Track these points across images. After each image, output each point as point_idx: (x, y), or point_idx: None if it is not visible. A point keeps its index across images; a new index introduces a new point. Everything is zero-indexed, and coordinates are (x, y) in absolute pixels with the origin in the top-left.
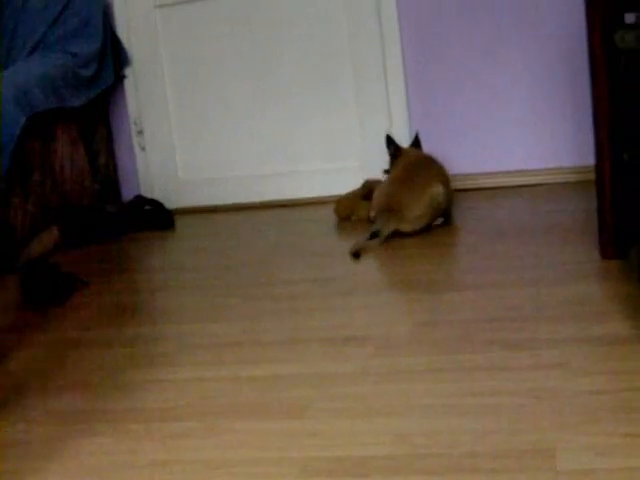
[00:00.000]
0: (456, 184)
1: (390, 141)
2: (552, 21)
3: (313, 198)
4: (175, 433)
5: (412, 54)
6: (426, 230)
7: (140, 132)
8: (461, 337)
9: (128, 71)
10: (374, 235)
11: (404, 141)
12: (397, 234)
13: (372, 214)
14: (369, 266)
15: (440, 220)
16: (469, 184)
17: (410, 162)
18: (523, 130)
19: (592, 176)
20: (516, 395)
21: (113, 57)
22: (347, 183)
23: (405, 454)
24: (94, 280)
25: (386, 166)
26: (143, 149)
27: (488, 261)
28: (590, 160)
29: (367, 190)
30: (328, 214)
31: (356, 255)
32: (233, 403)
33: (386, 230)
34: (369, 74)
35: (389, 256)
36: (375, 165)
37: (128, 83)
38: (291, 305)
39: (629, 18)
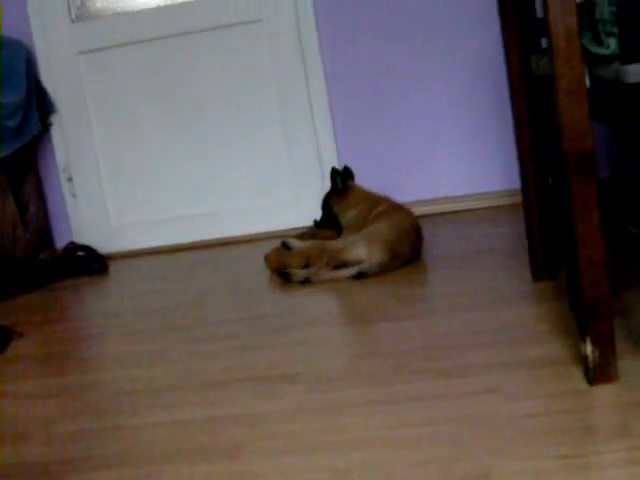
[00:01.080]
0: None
1: (336, 174)
2: (475, 49)
3: (245, 236)
4: None
5: (336, 88)
6: None
7: (70, 179)
8: (394, 368)
9: (54, 119)
10: (361, 275)
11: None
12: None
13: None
14: (303, 301)
15: None
16: None
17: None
18: (451, 157)
19: (520, 199)
20: (451, 423)
21: (38, 106)
22: (278, 220)
23: None
24: (28, 330)
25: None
26: (74, 196)
27: (420, 289)
28: (518, 184)
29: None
30: (259, 252)
31: (306, 280)
32: (169, 448)
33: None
34: (296, 111)
35: (320, 290)
36: (305, 199)
37: (55, 131)
38: (224, 345)
39: (545, 43)
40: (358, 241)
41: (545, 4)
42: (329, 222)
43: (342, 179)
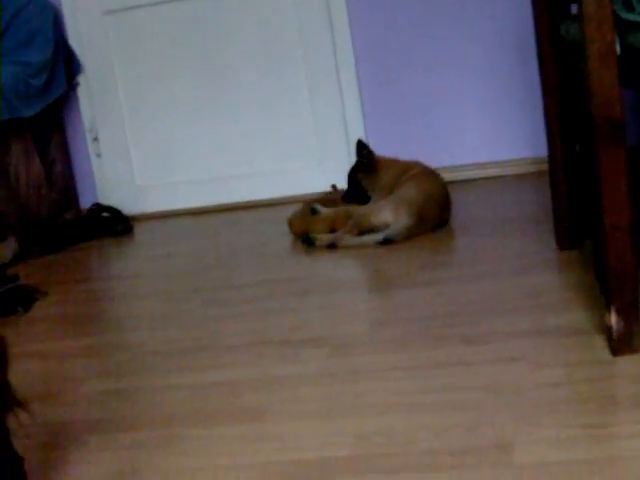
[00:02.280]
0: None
1: (362, 147)
2: (504, 13)
3: (270, 200)
4: (132, 443)
5: (364, 55)
6: None
7: (95, 139)
8: (417, 334)
9: (81, 79)
10: (387, 241)
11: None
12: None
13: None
14: (327, 266)
15: None
16: None
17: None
18: (477, 124)
19: (546, 167)
20: (474, 390)
21: (65, 65)
22: (302, 184)
23: (365, 454)
24: (54, 290)
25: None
26: (99, 156)
27: (444, 256)
28: (544, 152)
29: (328, 201)
30: (283, 215)
31: (332, 246)
32: (192, 410)
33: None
34: (323, 77)
35: (345, 255)
36: (330, 165)
37: (81, 91)
38: (249, 308)
39: (575, 9)
40: (385, 205)
41: None
42: (355, 196)
43: (368, 152)
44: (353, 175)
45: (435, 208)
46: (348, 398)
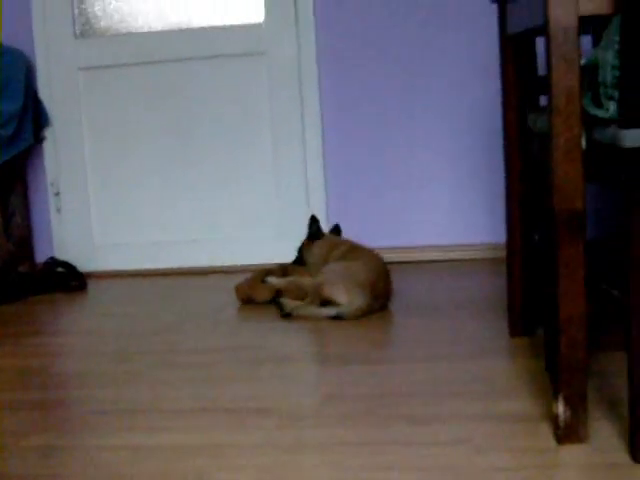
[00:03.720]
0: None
1: (314, 221)
2: (474, 98)
3: (227, 267)
4: None
5: (331, 131)
6: None
7: (57, 194)
8: (367, 411)
9: (48, 132)
10: (338, 317)
11: (319, 212)
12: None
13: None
14: (280, 337)
15: None
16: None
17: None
18: (437, 206)
19: (504, 254)
20: (417, 471)
21: (33, 118)
22: (261, 253)
23: None
24: (2, 342)
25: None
26: (59, 211)
27: (399, 336)
28: (502, 238)
29: (282, 272)
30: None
31: (287, 315)
32: (132, 472)
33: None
34: (289, 149)
35: (297, 327)
36: (289, 236)
37: (47, 145)
38: (198, 374)
39: (544, 100)
40: (338, 283)
41: (549, 62)
42: (297, 261)
43: (317, 227)
44: (301, 245)
45: (384, 284)
46: (292, 471)
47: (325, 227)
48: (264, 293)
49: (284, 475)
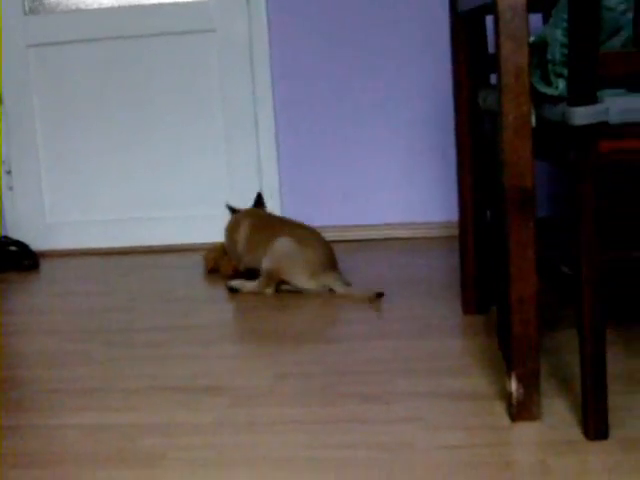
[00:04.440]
0: (323, 236)
1: (259, 197)
2: (423, 79)
3: (180, 245)
4: None
5: (283, 109)
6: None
7: (8, 172)
8: (320, 389)
9: None
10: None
11: (271, 189)
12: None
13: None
14: (233, 316)
15: None
16: (335, 236)
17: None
18: (390, 185)
19: (457, 232)
20: (370, 448)
21: None
22: (213, 231)
23: None
24: None
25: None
26: (11, 189)
27: (350, 314)
28: (455, 216)
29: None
30: (194, 261)
31: (233, 290)
32: (87, 451)
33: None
34: (241, 126)
35: (251, 306)
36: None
37: None
38: (151, 352)
39: (494, 79)
40: (298, 270)
41: (497, 40)
42: None
43: (230, 208)
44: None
45: (331, 255)
46: (245, 449)
47: (276, 205)
48: (227, 267)
49: (236, 454)
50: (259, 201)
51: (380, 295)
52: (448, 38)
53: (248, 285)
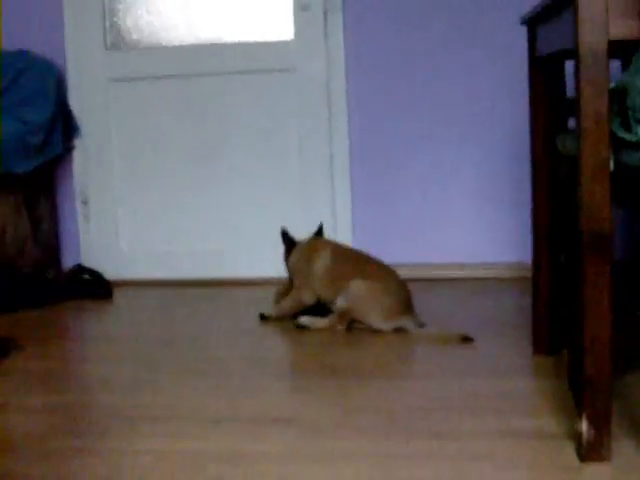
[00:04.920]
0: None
1: (284, 235)
2: (501, 122)
3: (254, 279)
4: None
5: (359, 149)
6: None
7: (85, 202)
8: (387, 425)
9: (77, 142)
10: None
11: (345, 227)
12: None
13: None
14: (304, 349)
15: None
16: (405, 274)
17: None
18: (465, 225)
19: (529, 273)
20: None
21: (63, 127)
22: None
23: None
24: (28, 345)
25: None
26: (87, 219)
27: (420, 351)
28: (528, 258)
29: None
30: (265, 295)
31: (301, 327)
32: (157, 477)
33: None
34: (316, 166)
35: (324, 341)
36: None
37: (76, 154)
38: (220, 382)
39: (572, 123)
40: (374, 314)
41: (577, 85)
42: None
43: (288, 239)
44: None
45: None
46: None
47: (348, 242)
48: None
49: None
50: (320, 231)
51: (468, 340)
52: (526, 82)
53: (319, 323)
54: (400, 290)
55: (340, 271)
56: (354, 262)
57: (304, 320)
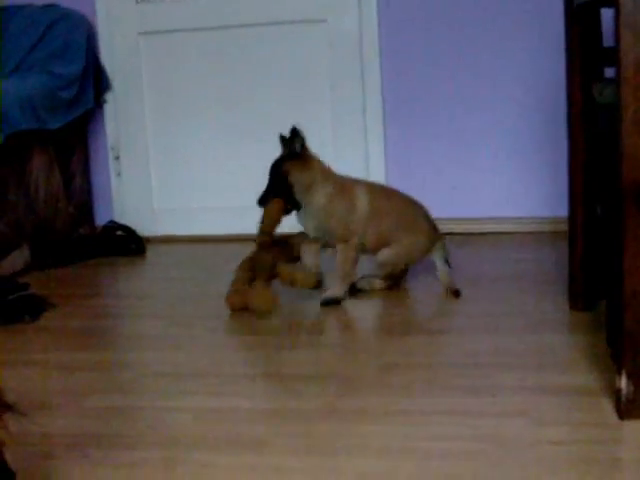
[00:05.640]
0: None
1: (296, 133)
2: (533, 70)
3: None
4: (133, 462)
5: (392, 100)
6: None
7: (117, 158)
8: (424, 381)
9: (109, 97)
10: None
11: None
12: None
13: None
14: (342, 306)
15: None
16: (442, 229)
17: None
18: (497, 178)
19: (565, 227)
20: (476, 440)
21: (94, 81)
22: None
23: None
24: (62, 303)
25: None
26: (119, 175)
27: (457, 307)
28: (563, 211)
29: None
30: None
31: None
32: (192, 434)
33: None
34: (349, 118)
35: (358, 298)
36: None
37: (108, 108)
38: (255, 338)
39: (609, 72)
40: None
41: (617, 33)
42: (278, 192)
43: (301, 143)
44: (278, 167)
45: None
46: (350, 438)
47: None
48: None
49: (343, 443)
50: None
51: (457, 293)
52: (563, 31)
53: (376, 284)
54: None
55: (384, 221)
56: (396, 211)
57: (363, 284)
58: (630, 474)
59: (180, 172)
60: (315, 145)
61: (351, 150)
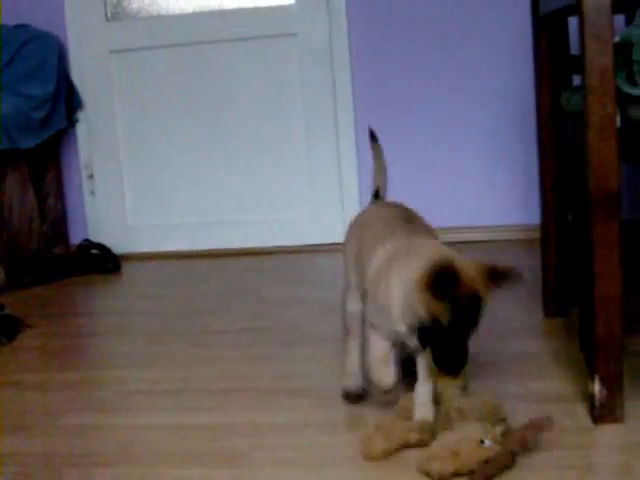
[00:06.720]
0: None
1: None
2: (504, 79)
3: (261, 248)
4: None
5: (363, 110)
6: None
7: (90, 176)
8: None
9: (81, 115)
10: None
11: (352, 193)
12: None
13: None
14: (311, 318)
15: None
16: None
17: None
18: (472, 187)
19: (538, 235)
20: None
21: (66, 101)
22: (295, 234)
23: None
24: (37, 322)
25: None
26: (93, 193)
27: None
28: (536, 219)
29: None
30: (273, 264)
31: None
32: (171, 451)
33: None
34: (321, 128)
35: (337, 309)
36: (322, 216)
37: (80, 127)
38: (230, 353)
39: (577, 80)
40: None
41: (582, 41)
42: None
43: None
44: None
45: None
46: (325, 449)
47: (356, 207)
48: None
49: (320, 454)
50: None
51: None
52: (529, 40)
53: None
54: None
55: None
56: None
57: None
58: (604, 478)
59: (154, 189)
60: (288, 160)
61: (324, 163)
